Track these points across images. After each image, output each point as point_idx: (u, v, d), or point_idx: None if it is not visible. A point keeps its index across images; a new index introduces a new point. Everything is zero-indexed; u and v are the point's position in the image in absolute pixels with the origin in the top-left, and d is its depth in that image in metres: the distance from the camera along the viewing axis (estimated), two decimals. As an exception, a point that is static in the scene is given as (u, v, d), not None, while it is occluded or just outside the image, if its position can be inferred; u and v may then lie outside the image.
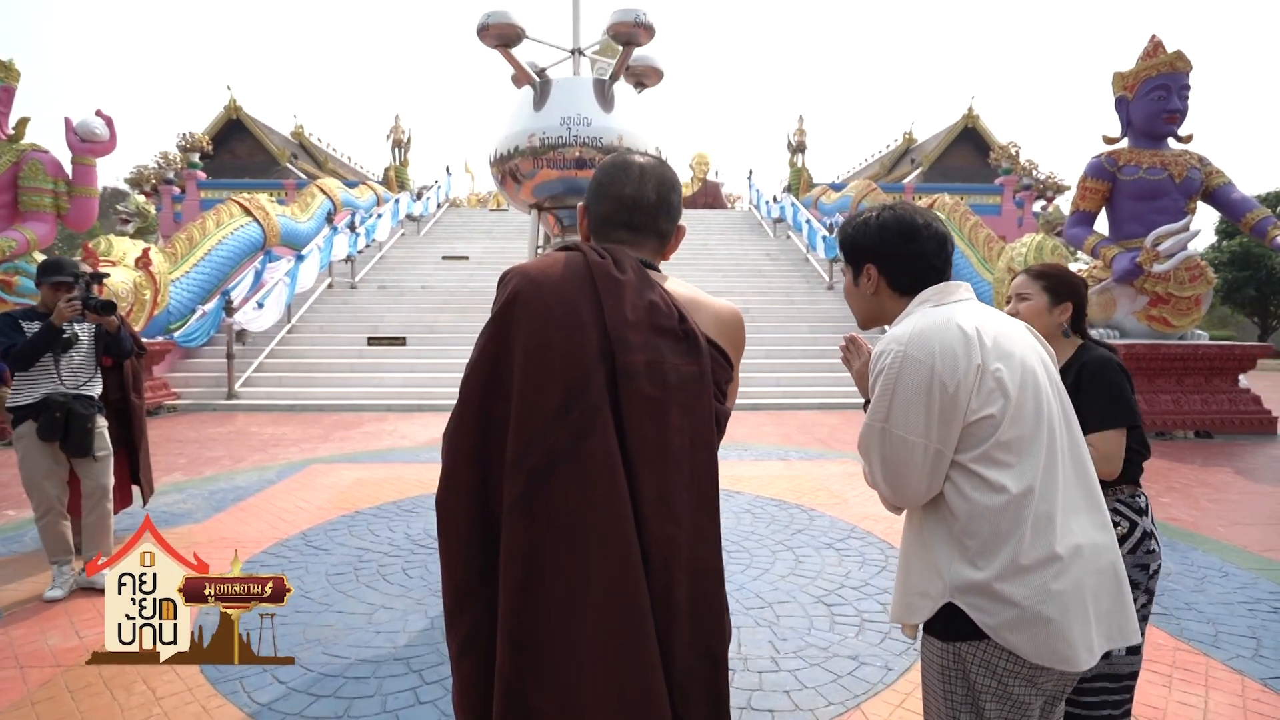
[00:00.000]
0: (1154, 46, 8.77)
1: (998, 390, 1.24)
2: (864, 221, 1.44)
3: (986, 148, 24.12)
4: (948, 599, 1.24)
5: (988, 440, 1.23)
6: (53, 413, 3.43)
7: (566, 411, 1.17)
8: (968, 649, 1.25)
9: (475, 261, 15.61)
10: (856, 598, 3.42)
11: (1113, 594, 1.26)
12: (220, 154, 22.56)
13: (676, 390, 1.22)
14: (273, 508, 4.97)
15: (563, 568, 1.16)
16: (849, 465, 6.41)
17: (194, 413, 9.61)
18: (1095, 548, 1.25)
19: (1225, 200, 8.77)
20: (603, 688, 1.15)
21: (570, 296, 1.23)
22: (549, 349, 1.20)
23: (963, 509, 1.24)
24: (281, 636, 2.99)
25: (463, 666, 1.24)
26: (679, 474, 1.21)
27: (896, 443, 1.27)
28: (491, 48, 3.55)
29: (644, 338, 1.22)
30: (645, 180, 1.36)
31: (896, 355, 1.28)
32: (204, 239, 11.60)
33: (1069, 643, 1.18)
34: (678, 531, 1.20)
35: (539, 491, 1.16)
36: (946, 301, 1.36)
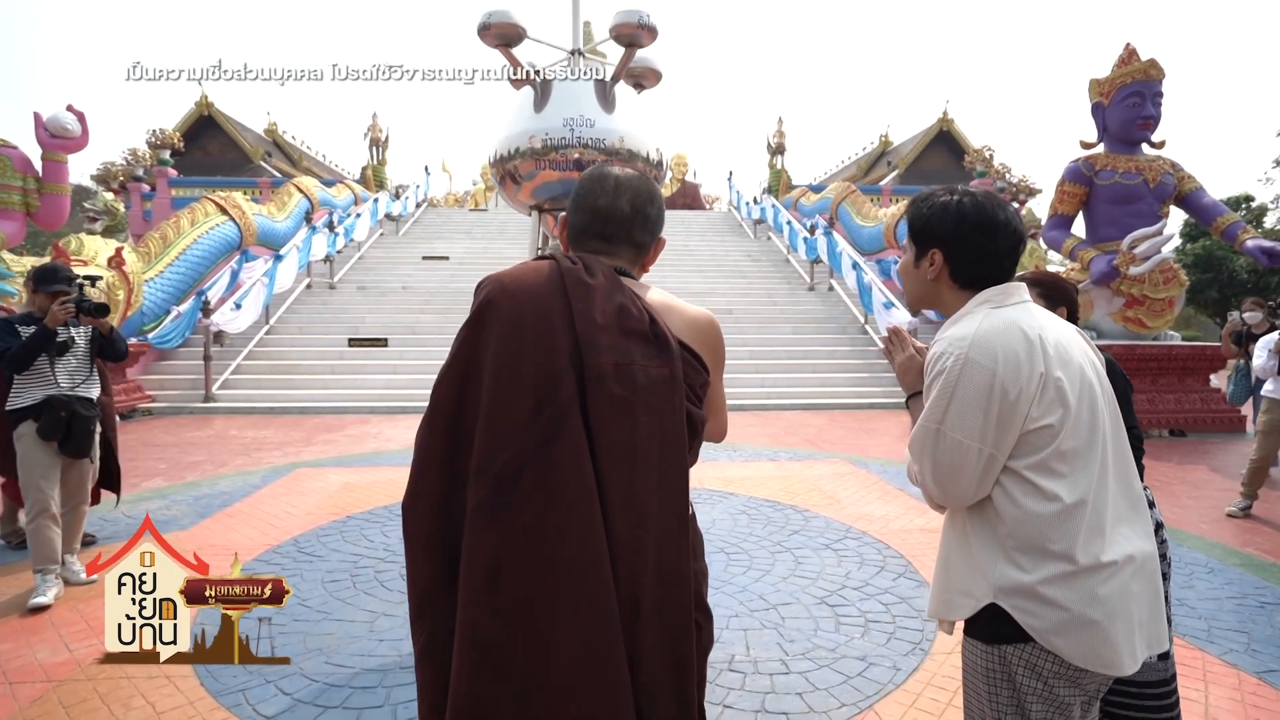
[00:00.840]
0: (1128, 54, 8.98)
1: (1058, 400, 1.23)
2: (943, 205, 1.37)
3: (961, 151, 24.49)
4: (991, 600, 1.24)
5: (1045, 449, 1.22)
6: (56, 412, 3.46)
7: (536, 416, 1.18)
8: (1012, 651, 1.24)
9: (456, 262, 15.45)
10: (859, 598, 3.45)
11: (1152, 602, 1.27)
12: (192, 151, 22.03)
13: (646, 392, 1.22)
14: (261, 513, 4.87)
15: (528, 571, 1.16)
16: (839, 466, 6.46)
17: (170, 416, 9.38)
18: (1141, 555, 1.25)
19: (1197, 205, 9.01)
20: (566, 690, 1.15)
21: (542, 302, 1.24)
22: (520, 355, 1.20)
23: (1012, 514, 1.23)
24: (282, 646, 2.92)
25: (422, 674, 1.25)
26: (647, 476, 1.21)
27: (952, 445, 1.25)
28: (492, 47, 3.51)
29: (613, 340, 1.22)
30: (620, 193, 1.38)
31: (959, 358, 1.25)
32: (178, 238, 11.33)
33: (1114, 648, 1.19)
34: (644, 534, 1.20)
35: (505, 496, 1.16)
36: (1009, 303, 1.32)
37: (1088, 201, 9.12)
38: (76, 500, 3.71)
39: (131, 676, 2.68)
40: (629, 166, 3.64)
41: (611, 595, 1.17)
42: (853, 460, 6.71)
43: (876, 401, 10.42)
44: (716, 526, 4.57)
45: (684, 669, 1.25)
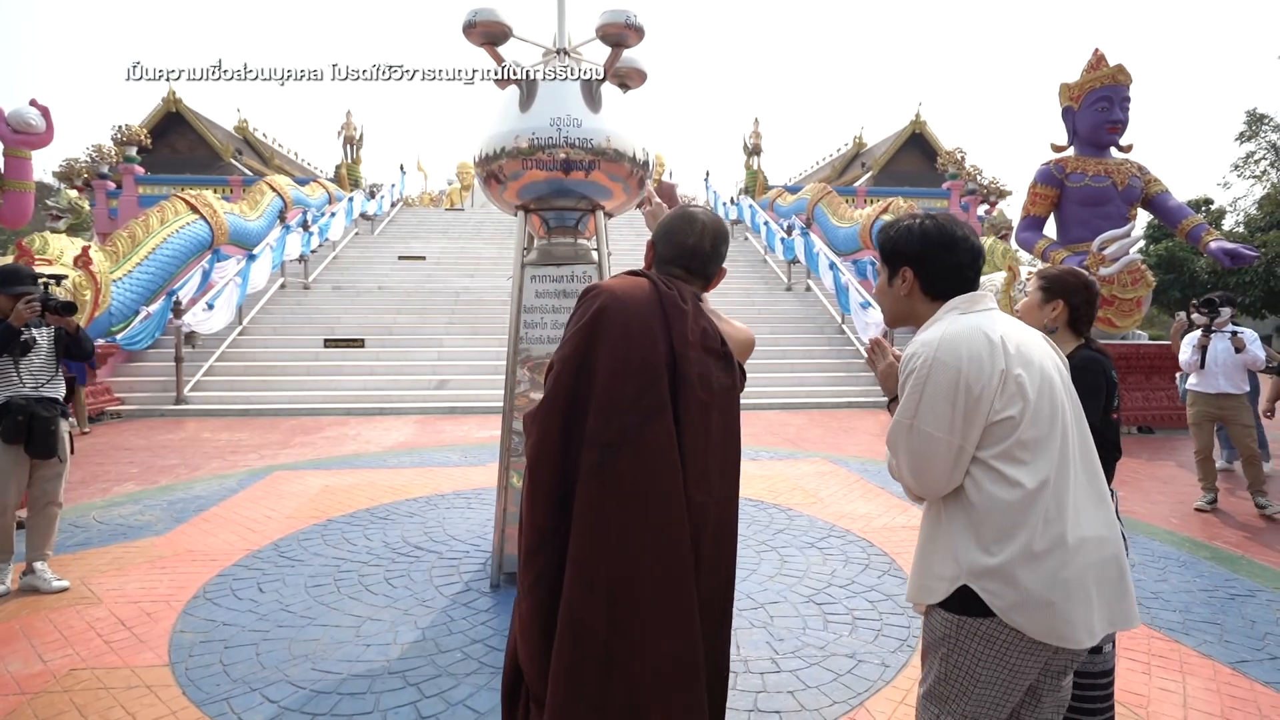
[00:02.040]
0: (1097, 60, 9.19)
1: (1018, 394, 1.34)
2: (907, 228, 1.52)
3: (933, 153, 24.87)
4: (962, 582, 1.35)
5: (1008, 439, 1.33)
6: (14, 415, 3.41)
7: (638, 400, 1.52)
8: (973, 623, 1.36)
9: (432, 262, 15.29)
10: (845, 596, 3.48)
11: (1116, 582, 1.37)
12: (159, 148, 21.51)
13: (719, 396, 1.61)
14: (239, 517, 4.77)
15: (625, 518, 1.51)
16: (820, 465, 6.52)
17: (140, 419, 9.14)
18: (1101, 540, 1.35)
19: (1163, 207, 9.26)
20: (650, 608, 1.51)
21: (646, 315, 1.59)
22: (629, 353, 1.55)
23: (980, 501, 1.35)
24: (266, 653, 2.87)
25: (533, 595, 1.57)
26: (714, 459, 1.60)
27: (923, 438, 1.37)
28: (477, 45, 3.48)
29: (698, 355, 1.60)
30: (705, 235, 1.75)
31: (927, 359, 1.38)
32: (147, 237, 11.05)
33: (1071, 625, 1.29)
34: (709, 501, 1.59)
35: (609, 461, 1.50)
36: (975, 310, 1.46)
37: (1059, 203, 9.32)
38: (45, 500, 3.62)
39: (110, 687, 2.61)
40: (615, 166, 3.63)
41: (686, 541, 1.53)
42: (833, 459, 6.77)
43: (854, 401, 10.54)
44: (702, 526, 4.58)
45: (728, 599, 1.67)
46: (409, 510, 4.94)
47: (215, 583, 3.63)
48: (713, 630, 1.62)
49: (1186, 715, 2.45)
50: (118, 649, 2.92)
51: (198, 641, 2.98)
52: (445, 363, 10.93)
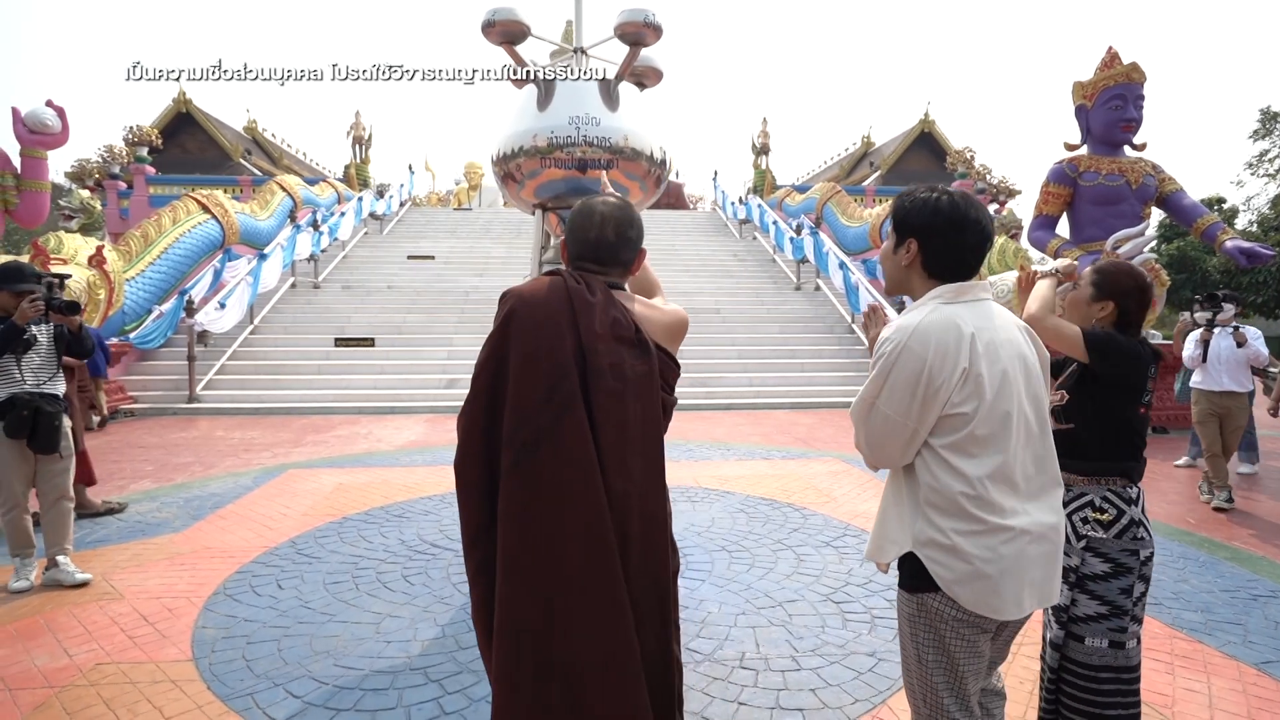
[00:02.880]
0: (1111, 58, 9.14)
1: (975, 393, 1.42)
2: (923, 201, 1.55)
3: (942, 152, 24.73)
4: (909, 548, 1.48)
5: (959, 432, 1.42)
6: (19, 411, 3.46)
7: (549, 398, 1.55)
8: (929, 599, 1.48)
9: (441, 261, 15.33)
10: (863, 595, 3.47)
11: (1047, 565, 1.48)
12: (169, 149, 21.63)
13: (632, 384, 1.62)
14: (255, 515, 4.80)
15: (547, 513, 1.54)
16: (833, 464, 6.51)
17: (153, 417, 9.20)
18: (1042, 527, 1.46)
19: (1177, 206, 9.19)
20: (580, 599, 1.54)
21: (553, 313, 1.61)
22: (536, 352, 1.58)
23: (931, 483, 1.46)
24: (288, 649, 2.89)
25: (475, 589, 1.65)
26: (633, 446, 1.61)
27: (883, 419, 1.47)
28: (496, 45, 3.49)
29: (608, 345, 1.61)
30: (605, 225, 1.74)
31: (898, 344, 1.45)
32: (160, 237, 11.13)
33: (1002, 598, 1.42)
34: (631, 488, 1.60)
35: (527, 459, 1.54)
36: (958, 300, 1.50)
37: (1071, 202, 9.26)
38: (56, 496, 3.67)
39: (135, 681, 2.63)
40: (632, 165, 3.64)
41: (612, 532, 1.55)
42: (845, 459, 6.76)
43: (865, 400, 10.50)
44: (716, 525, 4.58)
45: (664, 587, 1.67)
46: (423, 508, 4.95)
47: (235, 579, 3.65)
48: (652, 619, 1.63)
49: (1212, 716, 2.43)
50: (141, 644, 2.94)
51: (220, 637, 3.00)
52: (455, 362, 10.95)
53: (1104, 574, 1.91)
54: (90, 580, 3.59)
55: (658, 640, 1.65)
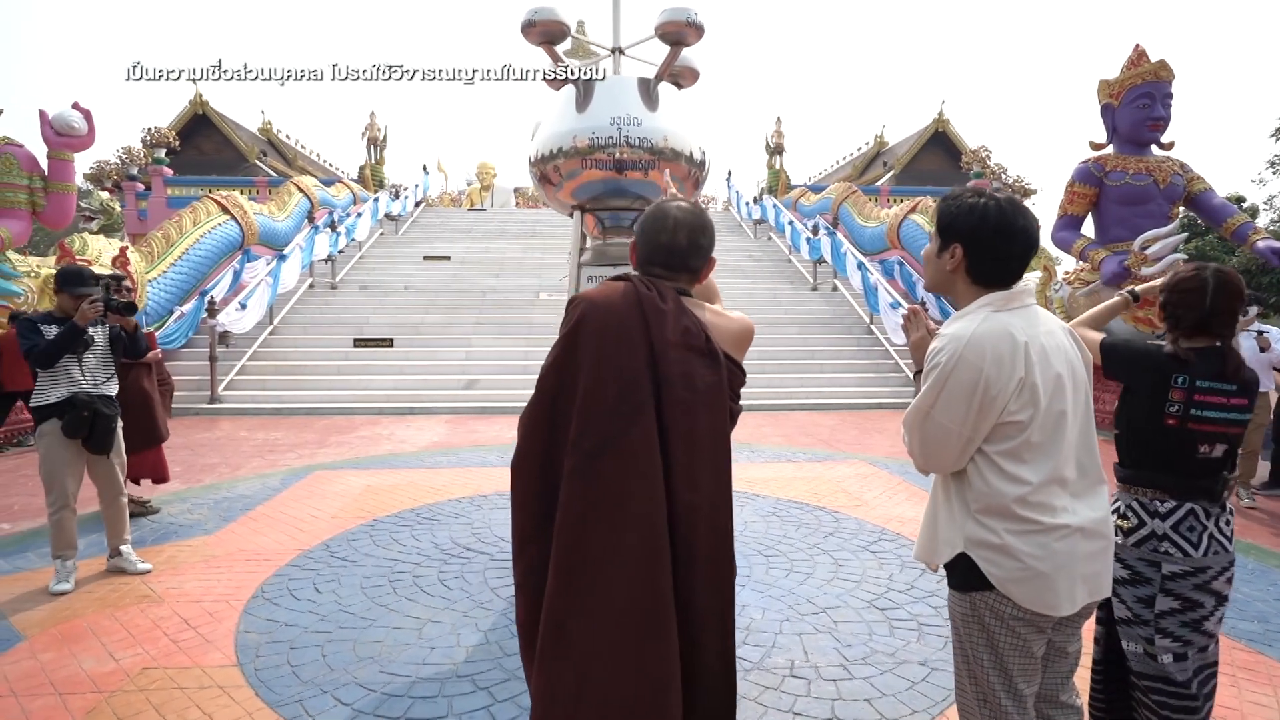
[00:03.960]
0: (1138, 55, 9.01)
1: (1031, 401, 1.44)
2: (970, 206, 1.55)
3: (956, 151, 24.57)
4: (963, 549, 1.50)
5: (1014, 439, 1.45)
6: (79, 411, 3.53)
7: (618, 406, 1.52)
8: (979, 598, 1.50)
9: (457, 261, 15.34)
10: (907, 601, 3.42)
11: (1100, 558, 1.51)
12: (186, 150, 21.79)
13: (703, 395, 1.59)
14: (286, 517, 4.79)
15: (605, 523, 1.50)
16: (860, 467, 6.45)
17: (176, 417, 9.16)
18: (1092, 521, 1.48)
19: (1206, 205, 9.06)
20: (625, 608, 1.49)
21: (624, 319, 1.59)
22: (607, 358, 1.56)
23: (984, 488, 1.47)
24: (332, 654, 2.87)
25: (521, 595, 1.63)
26: (701, 456, 1.58)
27: (937, 427, 1.49)
28: (535, 45, 3.47)
29: (679, 354, 1.58)
30: (678, 230, 1.69)
31: (953, 354, 1.46)
32: (181, 238, 11.17)
33: (1056, 594, 1.44)
34: (700, 499, 1.56)
35: (591, 465, 1.52)
36: (1009, 308, 1.52)
37: (1097, 202, 9.14)
38: (114, 493, 3.80)
39: (184, 687, 2.62)
40: (672, 166, 3.60)
41: (665, 546, 1.51)
42: (871, 461, 6.69)
43: (884, 401, 10.42)
44: (750, 529, 4.53)
45: (727, 600, 1.64)
46: (453, 511, 4.94)
47: (272, 583, 3.64)
48: (715, 633, 1.59)
49: (1282, 730, 2.38)
50: (186, 649, 2.93)
51: (263, 642, 2.98)
52: (474, 363, 10.95)
53: (1123, 580, 1.90)
54: (151, 569, 3.77)
55: (720, 656, 1.62)
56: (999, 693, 1.53)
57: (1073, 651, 1.63)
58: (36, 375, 3.57)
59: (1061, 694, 1.65)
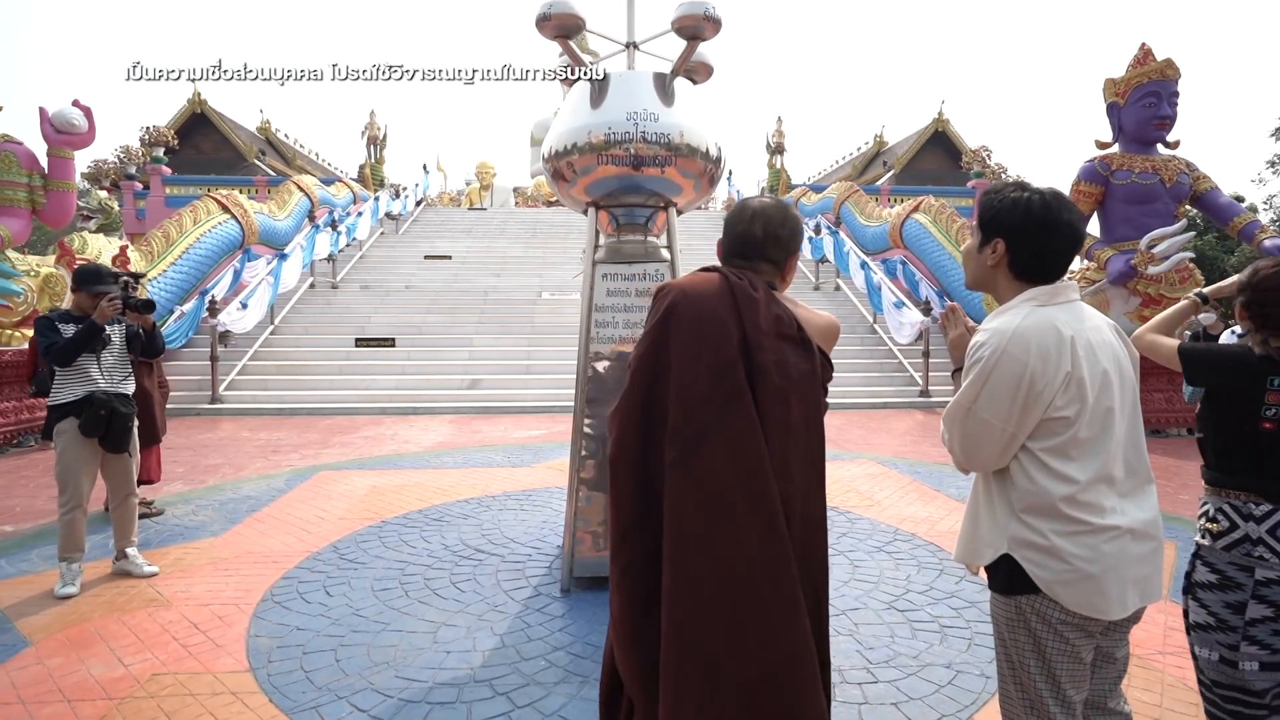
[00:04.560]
0: (1144, 54, 9.00)
1: (1078, 396, 1.40)
2: (1013, 201, 1.51)
3: (956, 151, 24.56)
4: (1006, 550, 1.46)
5: (1061, 435, 1.41)
6: (97, 410, 3.49)
7: (714, 394, 1.50)
8: (1025, 602, 1.46)
9: (458, 261, 15.29)
10: (927, 603, 3.38)
11: (1150, 561, 1.46)
12: (184, 149, 21.67)
13: (796, 383, 1.55)
14: (292, 518, 4.74)
15: (717, 509, 1.46)
16: (869, 466, 6.41)
17: (177, 417, 9.11)
18: (1142, 524, 1.44)
19: (1213, 204, 9.04)
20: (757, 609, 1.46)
21: (715, 308, 1.56)
22: (701, 347, 1.53)
23: (1030, 488, 1.43)
24: (346, 659, 2.81)
25: (623, 587, 1.58)
26: (796, 446, 1.54)
27: (979, 423, 1.45)
28: (550, 39, 3.41)
29: (772, 342, 1.55)
30: (754, 221, 1.69)
31: (996, 348, 1.42)
32: (181, 237, 11.10)
33: (1106, 598, 1.40)
34: (793, 490, 1.52)
35: (691, 455, 1.48)
36: (1053, 303, 1.48)
37: (1103, 201, 9.12)
38: (125, 493, 3.75)
39: (196, 693, 2.56)
40: (688, 163, 3.54)
41: (783, 527, 1.48)
42: (881, 460, 6.66)
43: (889, 401, 10.40)
44: (762, 530, 4.48)
45: (822, 594, 1.61)
46: (461, 512, 4.88)
47: (281, 585, 3.58)
48: (815, 625, 1.57)
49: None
50: (196, 653, 2.87)
51: (275, 647, 2.93)
52: (476, 362, 10.90)
53: (1210, 584, 1.83)
54: (158, 572, 3.71)
55: (820, 647, 1.59)
56: (1046, 700, 1.48)
57: (1121, 657, 1.59)
58: (54, 373, 3.53)
59: (1110, 700, 1.60)
